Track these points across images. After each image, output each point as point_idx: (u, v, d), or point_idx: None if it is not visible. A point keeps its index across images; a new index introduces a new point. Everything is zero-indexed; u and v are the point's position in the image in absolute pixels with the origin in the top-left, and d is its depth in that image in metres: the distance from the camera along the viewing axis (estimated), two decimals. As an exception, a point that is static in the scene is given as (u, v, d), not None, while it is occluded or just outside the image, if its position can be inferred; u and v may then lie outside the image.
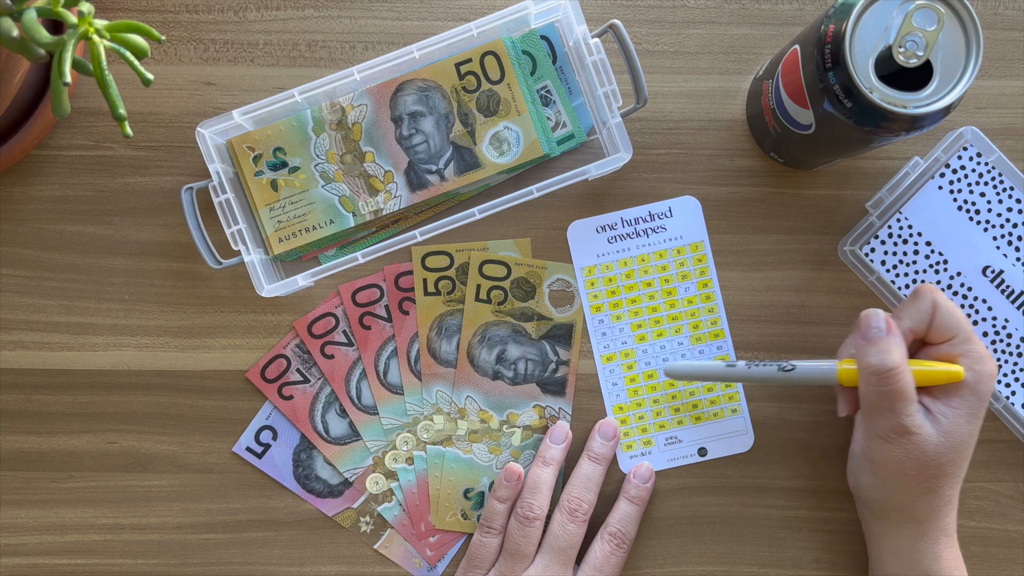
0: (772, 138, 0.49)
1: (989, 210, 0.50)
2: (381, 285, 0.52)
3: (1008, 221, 0.50)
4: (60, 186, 0.51)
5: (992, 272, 0.50)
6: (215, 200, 0.48)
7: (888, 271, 0.50)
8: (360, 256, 0.48)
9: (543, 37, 0.50)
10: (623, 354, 0.52)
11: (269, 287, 0.48)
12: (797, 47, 0.43)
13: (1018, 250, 0.50)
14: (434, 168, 0.50)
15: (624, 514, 0.49)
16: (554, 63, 0.51)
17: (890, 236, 0.50)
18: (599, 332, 0.52)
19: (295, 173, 0.50)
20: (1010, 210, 0.50)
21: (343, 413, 0.51)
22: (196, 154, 0.51)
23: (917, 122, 0.40)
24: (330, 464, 0.51)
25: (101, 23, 0.38)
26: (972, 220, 0.50)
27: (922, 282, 0.50)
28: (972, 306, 0.50)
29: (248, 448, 0.51)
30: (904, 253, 0.50)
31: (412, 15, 0.52)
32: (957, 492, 0.45)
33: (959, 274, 0.50)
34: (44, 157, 0.51)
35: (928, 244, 0.50)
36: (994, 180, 0.50)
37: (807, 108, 0.42)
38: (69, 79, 0.37)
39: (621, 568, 0.49)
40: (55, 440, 0.51)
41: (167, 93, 0.51)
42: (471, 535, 0.51)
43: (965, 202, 0.50)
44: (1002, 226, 0.50)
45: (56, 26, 0.45)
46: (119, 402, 0.51)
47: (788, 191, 0.52)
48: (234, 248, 0.48)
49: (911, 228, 0.50)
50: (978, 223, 0.50)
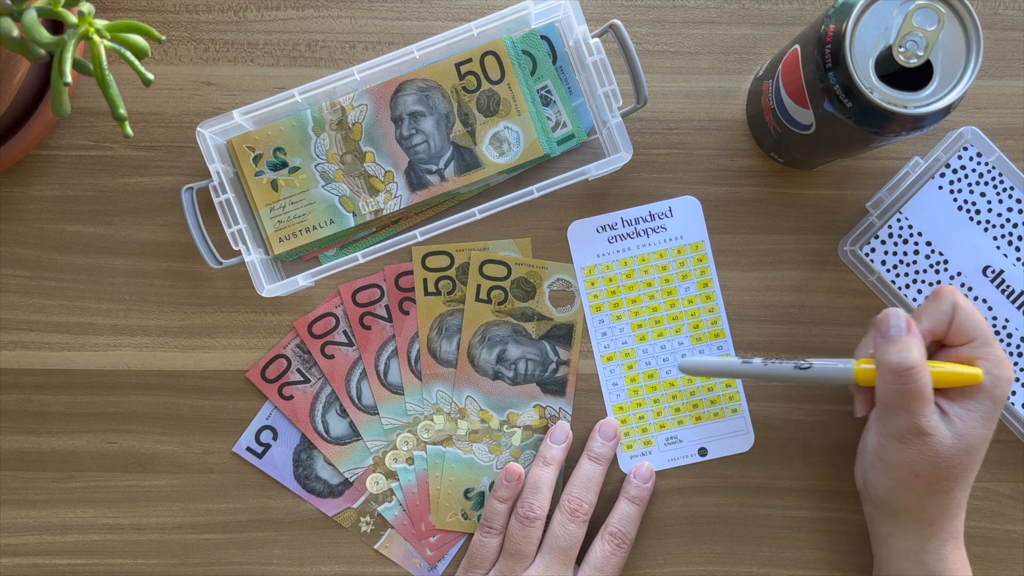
0: (772, 138, 0.49)
1: (989, 210, 0.50)
2: (381, 285, 0.52)
3: (1008, 221, 0.50)
4: (60, 186, 0.51)
5: (992, 272, 0.50)
6: (215, 200, 0.48)
7: (888, 271, 0.50)
8: (360, 256, 0.48)
9: (543, 37, 0.50)
10: (623, 354, 0.52)
11: (269, 287, 0.48)
12: (797, 47, 0.43)
13: (1018, 250, 0.50)
14: (434, 168, 0.50)
15: (624, 514, 0.49)
16: (554, 63, 0.51)
17: (890, 236, 0.50)
18: (599, 332, 0.52)
19: (295, 173, 0.50)
20: (1010, 210, 0.50)
21: (343, 413, 0.51)
22: (196, 154, 0.51)
23: (917, 122, 0.40)
24: (330, 464, 0.51)
25: (101, 23, 0.38)
26: (972, 220, 0.50)
27: (922, 282, 0.50)
28: (972, 306, 0.50)
29: (248, 448, 0.51)
30: (904, 253, 0.50)
31: (412, 15, 0.52)
32: (966, 496, 0.45)
33: (959, 274, 0.50)
34: (44, 157, 0.51)
35: (928, 244, 0.50)
36: (994, 180, 0.50)
37: (807, 108, 0.42)
38: (69, 79, 0.36)
39: (621, 568, 0.49)
40: (55, 440, 0.51)
41: (167, 93, 0.51)
42: (471, 535, 0.51)
43: (965, 202, 0.50)
44: (1002, 226, 0.50)
45: (56, 26, 0.45)
46: (119, 402, 0.51)
47: (788, 191, 0.52)
48: (234, 248, 0.48)
49: (911, 228, 0.50)
50: (978, 223, 0.50)
